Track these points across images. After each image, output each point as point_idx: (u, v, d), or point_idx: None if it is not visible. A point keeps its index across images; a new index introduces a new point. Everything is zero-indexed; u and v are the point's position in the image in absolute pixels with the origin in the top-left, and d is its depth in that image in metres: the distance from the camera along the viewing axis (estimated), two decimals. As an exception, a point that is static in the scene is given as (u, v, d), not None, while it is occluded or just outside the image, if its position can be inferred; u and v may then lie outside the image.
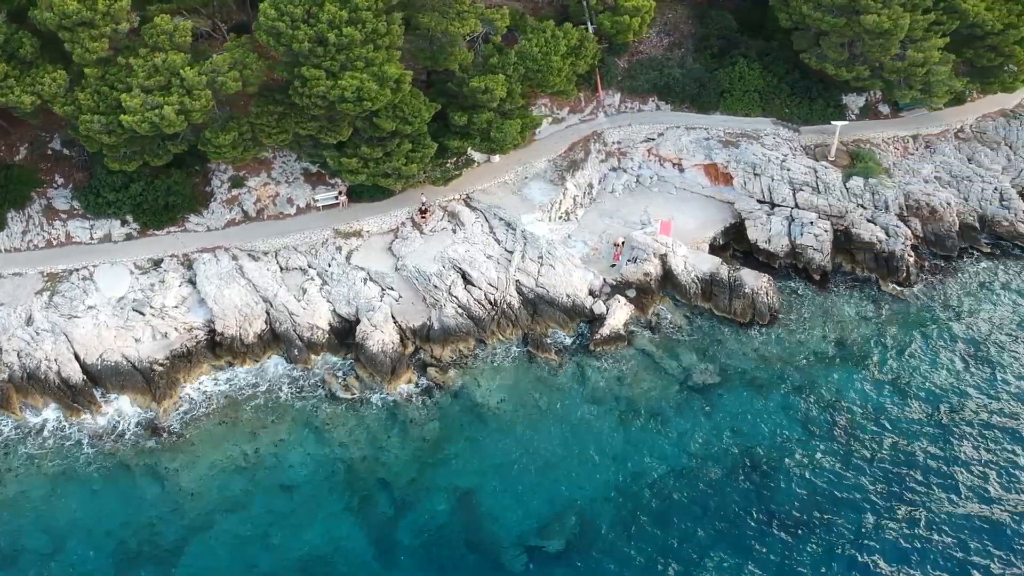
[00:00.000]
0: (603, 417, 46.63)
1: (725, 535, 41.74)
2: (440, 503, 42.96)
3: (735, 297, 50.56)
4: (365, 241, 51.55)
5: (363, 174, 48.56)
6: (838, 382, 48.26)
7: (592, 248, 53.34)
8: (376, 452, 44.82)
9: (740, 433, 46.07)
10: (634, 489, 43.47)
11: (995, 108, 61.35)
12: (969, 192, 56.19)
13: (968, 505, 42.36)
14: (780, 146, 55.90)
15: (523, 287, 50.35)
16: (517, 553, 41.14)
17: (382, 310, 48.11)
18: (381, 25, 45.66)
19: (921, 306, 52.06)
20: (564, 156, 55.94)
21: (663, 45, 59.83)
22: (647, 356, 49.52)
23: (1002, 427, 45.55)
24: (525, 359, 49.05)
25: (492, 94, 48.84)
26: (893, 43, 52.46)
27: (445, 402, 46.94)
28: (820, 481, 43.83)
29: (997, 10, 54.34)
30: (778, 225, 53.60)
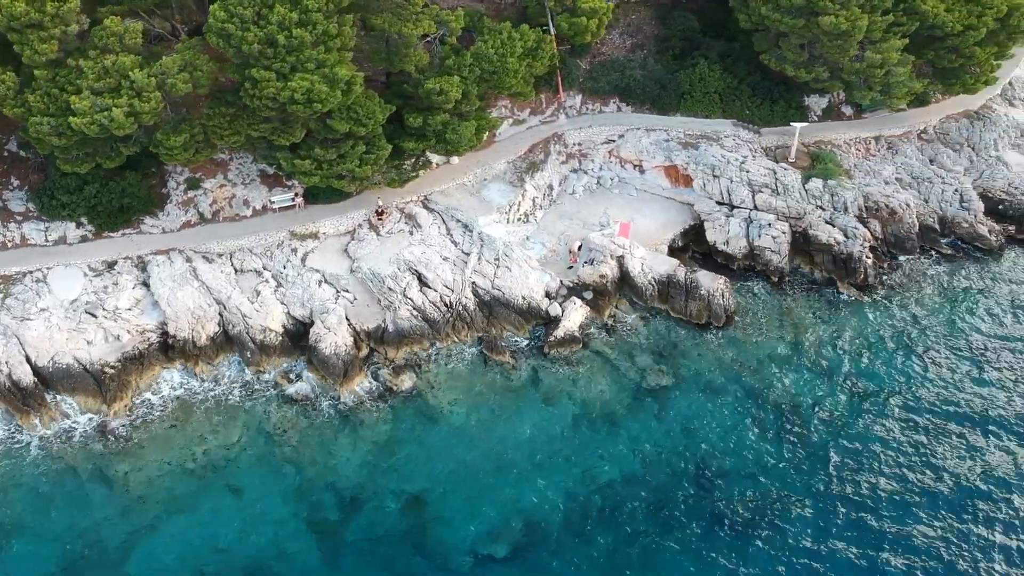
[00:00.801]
0: (556, 420, 46.53)
1: (674, 538, 41.66)
2: (389, 506, 42.86)
3: (691, 299, 50.50)
4: (321, 243, 51.42)
5: (316, 176, 48.43)
6: (792, 384, 48.22)
7: (550, 250, 53.27)
8: (326, 455, 44.70)
9: (692, 435, 46.01)
10: (584, 492, 43.40)
11: (959, 109, 61.24)
12: (929, 194, 56.17)
13: (921, 509, 42.32)
14: (740, 148, 55.82)
15: (479, 289, 50.26)
16: (464, 557, 41.04)
17: (336, 312, 47.99)
18: (332, 27, 45.54)
19: (878, 308, 52.03)
20: (524, 158, 55.84)
21: (626, 46, 59.72)
22: (602, 358, 49.44)
23: (956, 430, 45.53)
24: (479, 361, 48.95)
25: (447, 96, 48.71)
26: (851, 44, 52.39)
27: (397, 404, 46.83)
28: (770, 484, 43.80)
29: (957, 11, 54.25)
30: (736, 227, 53.54)
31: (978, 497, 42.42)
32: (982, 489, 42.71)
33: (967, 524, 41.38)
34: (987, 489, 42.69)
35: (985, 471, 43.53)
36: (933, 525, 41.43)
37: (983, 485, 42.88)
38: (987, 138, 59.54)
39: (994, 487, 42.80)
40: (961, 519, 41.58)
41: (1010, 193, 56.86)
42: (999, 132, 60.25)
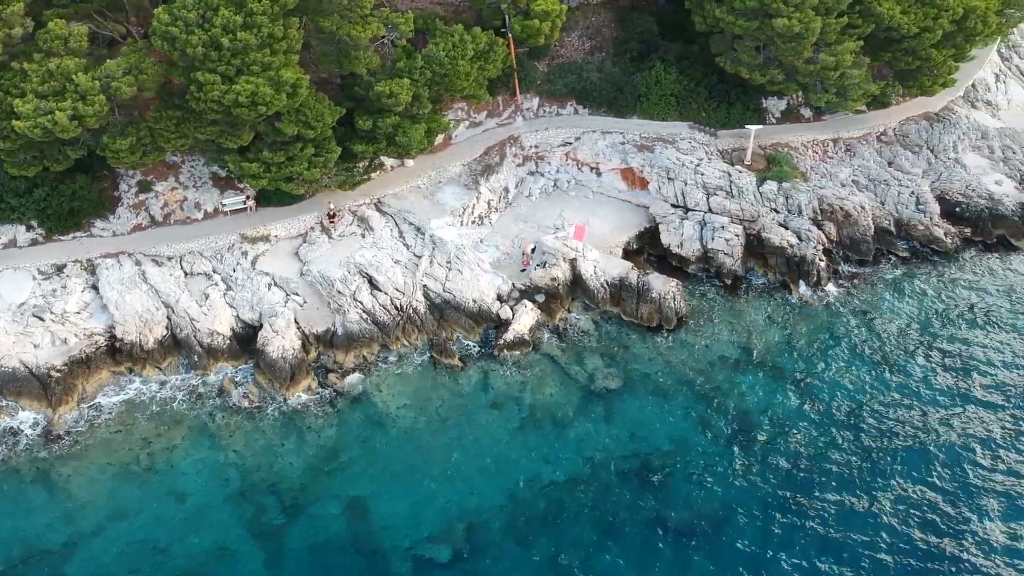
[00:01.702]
0: (503, 423, 46.45)
1: (617, 543, 41.56)
2: (332, 510, 42.77)
3: (642, 301, 50.42)
4: (273, 246, 51.32)
5: (265, 179, 48.34)
6: (741, 387, 48.15)
7: (503, 252, 53.18)
8: (271, 459, 44.61)
9: (639, 439, 45.94)
10: (528, 496, 43.30)
11: (920, 111, 61.13)
12: (886, 196, 56.10)
13: (867, 516, 42.23)
14: (696, 150, 55.73)
15: (430, 292, 50.17)
16: (405, 561, 40.97)
17: (285, 316, 47.89)
18: (277, 29, 45.45)
19: (831, 311, 51.94)
20: (479, 160, 55.72)
21: (585, 48, 59.60)
22: (552, 361, 49.35)
23: (906, 436, 45.43)
24: (429, 365, 48.86)
25: (397, 98, 48.59)
26: (805, 46, 52.29)
27: (344, 408, 46.74)
28: (716, 487, 43.72)
29: (913, 13, 54.17)
30: (690, 229, 53.46)
31: (924, 504, 42.33)
32: (929, 496, 42.64)
33: (912, 530, 41.31)
34: (934, 496, 42.61)
35: (934, 477, 43.45)
36: (878, 533, 41.32)
37: (930, 492, 42.81)
38: (946, 140, 59.43)
39: (941, 494, 42.73)
40: (907, 526, 41.50)
41: (967, 195, 56.75)
42: (959, 134, 60.16)
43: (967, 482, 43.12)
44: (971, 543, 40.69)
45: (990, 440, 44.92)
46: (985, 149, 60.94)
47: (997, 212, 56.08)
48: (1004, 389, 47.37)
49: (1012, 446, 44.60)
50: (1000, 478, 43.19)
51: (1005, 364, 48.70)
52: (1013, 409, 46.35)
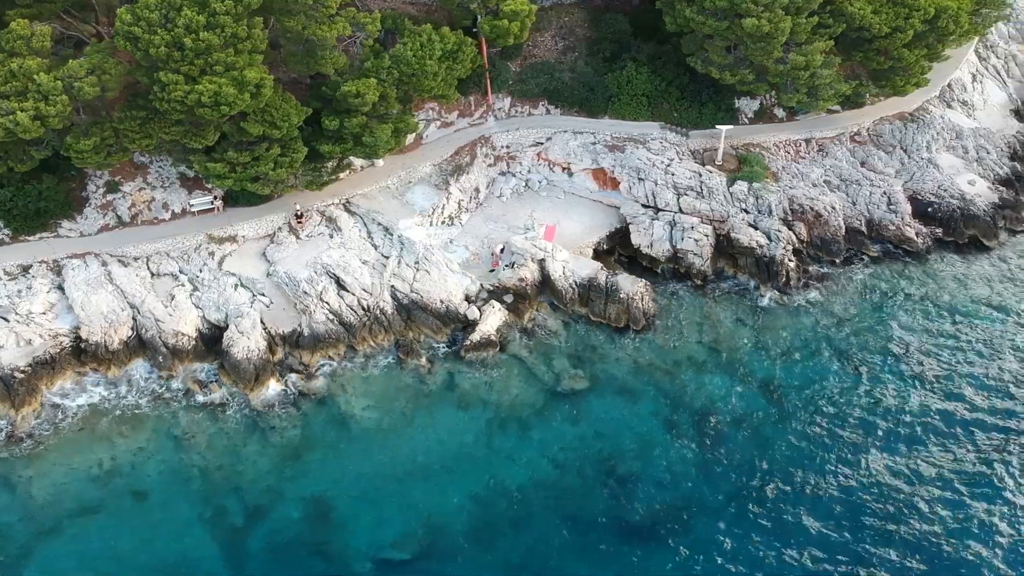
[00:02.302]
0: (468, 424, 46.34)
1: (580, 544, 41.52)
2: (294, 511, 42.65)
3: (611, 302, 50.30)
4: (240, 246, 51.18)
5: (230, 179, 48.20)
6: (708, 387, 48.06)
7: (473, 253, 53.01)
8: (234, 460, 44.48)
9: (605, 439, 45.83)
10: (492, 496, 43.21)
11: (894, 111, 60.99)
12: (857, 196, 55.99)
13: (834, 510, 42.26)
14: (667, 150, 55.61)
15: (398, 292, 50.04)
16: (366, 561, 40.88)
17: (251, 316, 47.76)
18: (241, 29, 45.28)
19: (800, 311, 51.84)
20: (450, 160, 55.60)
21: (558, 49, 59.47)
22: (519, 362, 49.22)
23: (873, 432, 45.39)
24: (395, 366, 48.71)
25: (364, 98, 48.46)
26: (775, 46, 52.17)
27: (309, 409, 46.59)
28: (681, 487, 43.69)
29: (884, 13, 54.04)
30: (660, 230, 53.34)
31: (891, 502, 42.33)
32: (896, 494, 42.62)
33: (876, 525, 41.35)
34: (901, 494, 42.62)
35: (900, 472, 43.41)
36: (842, 529, 41.32)
37: (897, 490, 42.79)
38: (920, 140, 59.31)
39: (907, 492, 42.72)
40: (870, 521, 41.51)
41: (939, 195, 56.66)
42: (933, 134, 60.03)
43: (933, 480, 43.08)
44: (932, 537, 40.79)
45: (957, 439, 44.95)
46: (959, 149, 60.87)
47: (969, 212, 55.98)
48: (971, 388, 47.31)
49: (977, 444, 44.59)
50: (966, 477, 43.19)
51: (972, 364, 48.62)
52: (980, 406, 46.35)
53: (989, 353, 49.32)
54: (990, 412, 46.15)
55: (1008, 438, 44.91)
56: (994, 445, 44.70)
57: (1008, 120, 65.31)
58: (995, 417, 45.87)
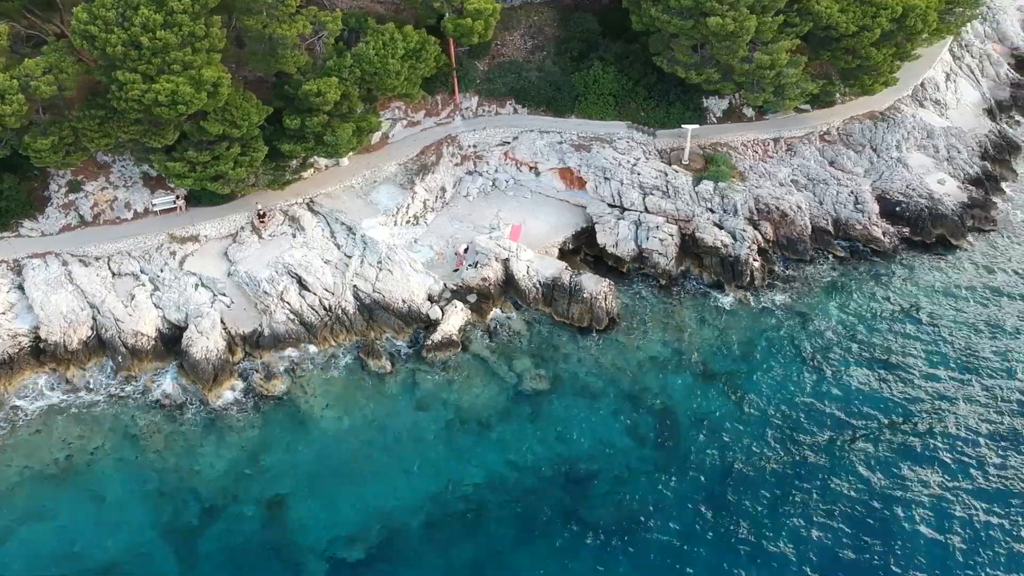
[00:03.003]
0: (428, 424, 46.15)
1: (536, 545, 41.33)
2: (250, 512, 42.46)
3: (574, 302, 50.14)
4: (202, 246, 51.02)
5: (190, 178, 48.04)
6: (670, 388, 47.88)
7: (437, 253, 52.87)
8: (190, 460, 44.30)
9: (565, 440, 45.66)
10: (449, 497, 43.03)
11: (865, 110, 60.83)
12: (824, 195, 55.83)
13: (793, 512, 42.03)
14: (633, 150, 55.47)
15: (360, 292, 49.88)
16: (320, 562, 40.71)
17: (210, 316, 47.61)
18: (199, 28, 45.09)
19: (765, 311, 51.67)
20: (416, 160, 55.45)
21: (526, 48, 59.32)
22: (481, 362, 49.05)
23: (835, 433, 45.26)
24: (356, 366, 48.52)
25: (325, 97, 48.30)
26: (740, 45, 52.03)
27: (268, 410, 46.41)
28: (640, 488, 43.50)
29: (851, 12, 53.86)
30: (625, 229, 53.19)
31: (851, 503, 42.19)
32: (856, 494, 42.48)
33: (836, 528, 41.16)
34: (861, 495, 42.50)
35: (860, 476, 43.25)
36: (801, 532, 41.12)
37: (857, 490, 42.64)
38: (889, 139, 59.17)
39: (868, 493, 42.57)
40: (831, 523, 41.34)
41: (907, 195, 56.52)
42: (903, 133, 59.88)
43: (895, 480, 42.95)
44: (898, 540, 40.61)
45: (921, 438, 44.79)
46: (930, 148, 60.72)
47: (937, 212, 55.83)
48: (935, 388, 47.18)
49: (942, 444, 44.40)
50: (931, 477, 43.06)
51: (936, 363, 48.49)
52: (943, 405, 46.20)
53: (952, 352, 49.17)
54: (953, 411, 45.97)
55: (972, 435, 44.72)
56: (957, 443, 44.54)
57: (980, 119, 65.16)
58: (959, 415, 45.69)
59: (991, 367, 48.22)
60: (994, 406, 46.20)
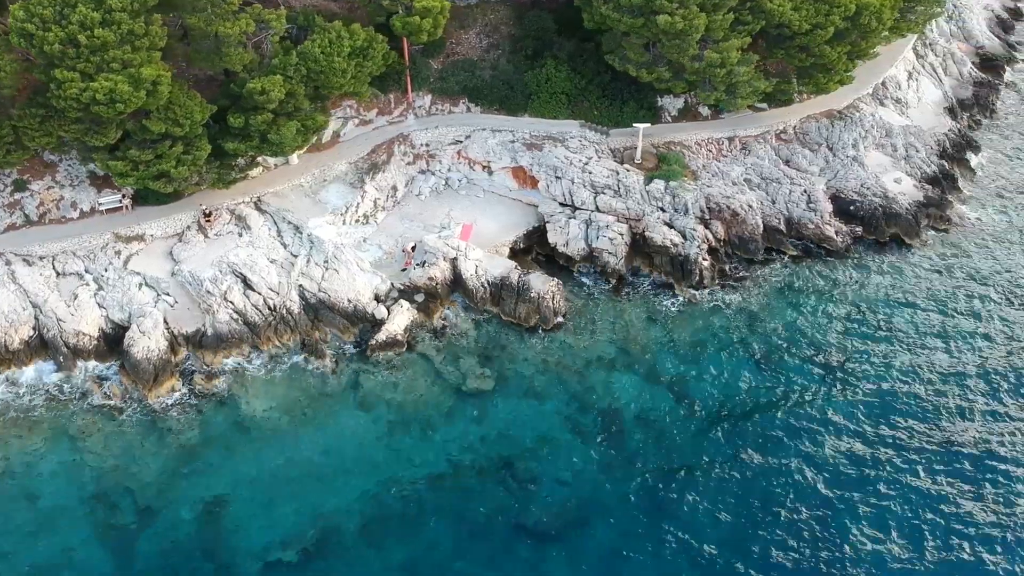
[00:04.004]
0: (370, 425, 45.94)
1: (474, 545, 41.21)
2: (186, 513, 42.21)
3: (521, 301, 49.89)
4: (148, 245, 50.71)
5: (132, 177, 47.74)
6: (615, 387, 47.67)
7: (387, 252, 52.60)
8: (129, 461, 44.01)
9: (507, 440, 45.45)
10: (388, 498, 42.81)
11: (823, 109, 60.52)
12: (777, 194, 55.57)
13: (738, 514, 41.88)
14: (585, 149, 55.19)
15: (306, 292, 49.62)
16: (255, 562, 40.50)
17: (153, 316, 47.32)
18: (138, 27, 44.78)
19: (714, 311, 51.42)
20: (366, 159, 55.15)
21: (481, 47, 59.02)
22: (427, 362, 48.79)
23: (780, 434, 45.07)
24: (300, 366, 48.23)
25: (269, 95, 48.00)
26: (690, 44, 51.76)
27: (209, 410, 46.12)
28: (580, 488, 43.33)
29: (804, 10, 53.54)
30: (576, 228, 52.93)
31: (800, 498, 42.11)
32: (805, 490, 42.42)
33: (778, 530, 41.11)
34: (814, 489, 42.44)
35: (801, 477, 43.14)
36: (741, 533, 40.99)
37: (807, 485, 42.59)
38: (846, 138, 58.85)
39: (809, 494, 42.44)
40: (772, 525, 41.23)
41: (861, 193, 56.26)
42: (861, 132, 59.59)
43: (840, 482, 42.78)
44: (840, 541, 40.50)
45: (866, 437, 44.70)
46: (888, 147, 60.47)
47: (891, 211, 55.60)
48: (884, 389, 47.02)
49: (888, 446, 44.23)
50: (876, 478, 42.94)
51: (886, 362, 48.31)
52: (892, 408, 46.03)
53: (902, 352, 49.00)
54: (901, 411, 45.80)
55: (919, 436, 44.54)
56: (903, 444, 44.38)
57: (941, 118, 64.90)
58: (907, 416, 45.54)
59: (941, 367, 48.04)
60: (942, 408, 46.01)
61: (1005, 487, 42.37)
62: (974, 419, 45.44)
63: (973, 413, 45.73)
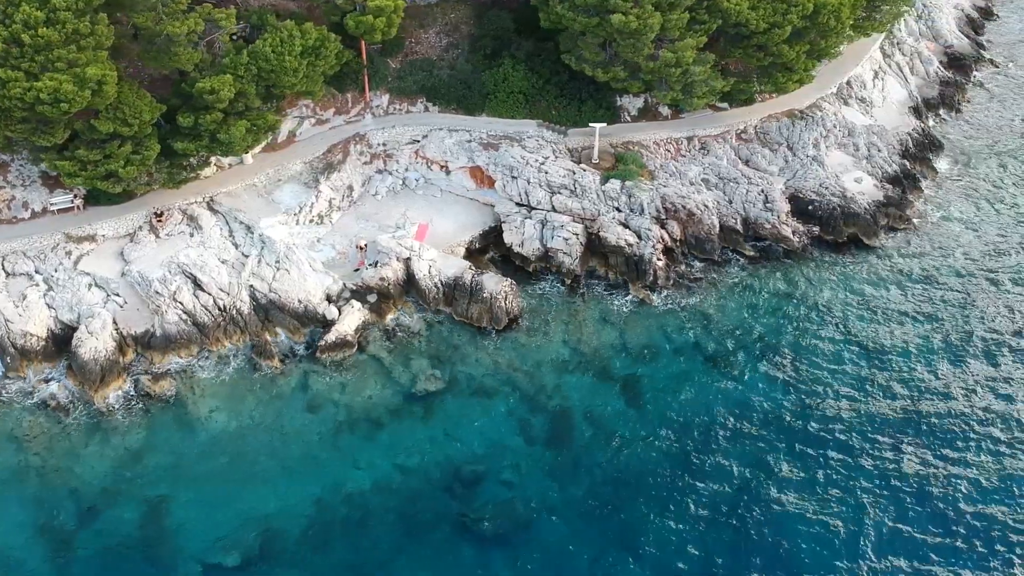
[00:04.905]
0: (317, 426, 45.72)
1: (418, 548, 40.98)
2: (128, 515, 41.99)
3: (473, 301, 49.70)
4: (99, 246, 50.47)
5: (80, 177, 47.55)
6: (565, 388, 47.49)
7: (340, 252, 52.39)
8: (72, 462, 43.78)
9: (455, 442, 45.24)
10: (332, 500, 42.60)
11: (785, 108, 60.32)
12: (734, 194, 55.36)
13: (686, 516, 41.69)
14: (542, 148, 54.98)
15: (257, 292, 49.40)
16: (194, 564, 40.26)
17: (101, 317, 47.09)
18: (83, 26, 44.58)
19: (668, 311, 51.23)
20: (322, 158, 54.94)
21: (441, 46, 58.81)
22: (377, 362, 48.59)
23: (731, 435, 44.87)
24: (248, 367, 48.01)
25: (219, 95, 47.81)
26: (645, 43, 51.61)
27: (156, 411, 45.90)
28: (526, 490, 43.13)
29: (762, 9, 53.36)
30: (531, 228, 52.73)
31: (749, 502, 41.90)
32: (753, 492, 42.25)
33: (724, 533, 40.97)
34: (764, 492, 42.30)
35: (757, 474, 43.00)
36: (688, 536, 40.86)
37: (757, 488, 42.42)
38: (806, 138, 58.67)
39: (765, 489, 42.40)
40: (719, 527, 41.08)
41: (820, 193, 56.04)
42: (822, 131, 59.43)
43: (790, 483, 42.63)
44: (788, 542, 40.39)
45: (820, 440, 44.48)
46: (851, 147, 60.30)
47: (849, 211, 55.41)
48: (837, 389, 46.88)
49: (840, 446, 44.09)
50: (824, 479, 42.82)
51: (840, 363, 48.19)
52: (845, 408, 45.92)
53: (857, 352, 48.86)
54: (855, 412, 45.62)
55: (873, 437, 44.36)
56: (855, 445, 44.23)
57: (905, 118, 64.72)
58: (860, 417, 45.45)
59: (895, 368, 47.87)
60: (898, 407, 45.80)
61: (952, 487, 42.20)
62: (925, 421, 45.22)
63: (924, 415, 45.49)
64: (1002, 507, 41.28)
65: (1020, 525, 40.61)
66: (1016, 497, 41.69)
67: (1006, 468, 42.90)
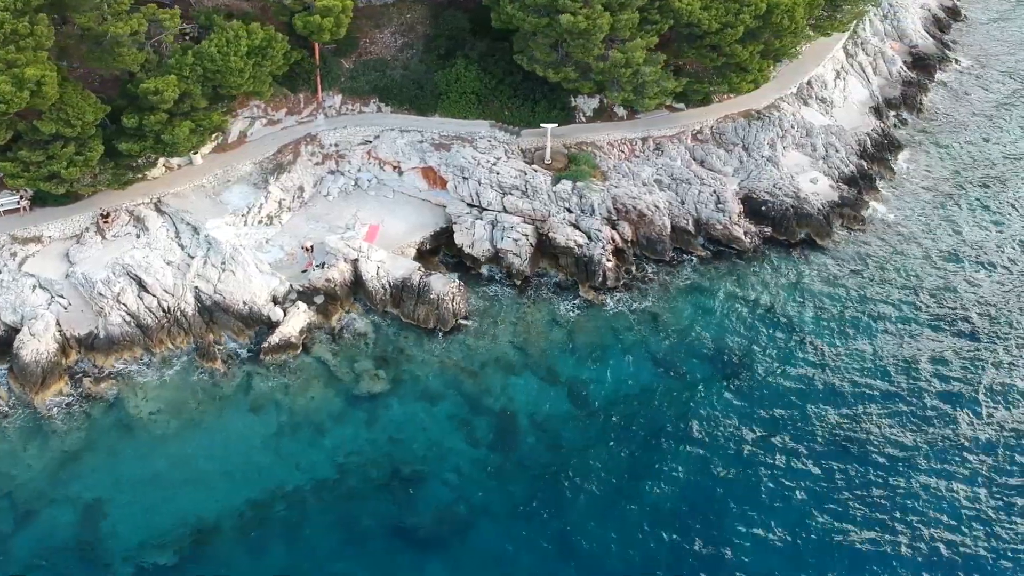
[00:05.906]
0: (258, 428, 45.44)
1: (355, 551, 40.76)
2: (65, 517, 41.69)
3: (420, 303, 49.50)
4: (45, 247, 50.25)
5: (23, 178, 47.34)
6: (511, 390, 47.29)
7: (288, 253, 52.15)
8: (9, 465, 43.40)
9: (397, 444, 45.01)
10: (270, 502, 42.34)
11: (743, 109, 60.15)
12: (686, 195, 55.17)
13: (629, 519, 41.49)
14: (495, 149, 54.79)
15: (202, 294, 49.17)
16: (128, 566, 39.98)
17: (44, 318, 46.83)
18: (22, 26, 44.38)
19: (617, 312, 51.02)
20: (272, 159, 54.73)
21: (396, 46, 58.61)
22: (322, 364, 48.34)
23: (678, 437, 44.70)
24: (191, 369, 47.70)
25: (162, 95, 47.61)
26: (595, 43, 51.42)
27: (97, 413, 45.61)
28: (467, 493, 42.93)
29: (714, 9, 53.20)
30: (481, 229, 52.55)
31: (695, 505, 41.85)
32: (701, 497, 42.17)
33: (671, 533, 40.84)
34: (711, 496, 42.20)
35: (705, 478, 42.89)
36: (633, 537, 40.70)
37: (703, 492, 42.33)
38: (762, 138, 58.49)
39: (713, 493, 42.31)
40: (664, 528, 40.95)
41: (773, 194, 55.89)
42: (778, 132, 59.26)
43: (733, 484, 42.53)
44: (727, 544, 40.28)
45: (767, 441, 44.38)
46: (808, 147, 60.16)
47: (802, 211, 55.28)
48: (786, 389, 46.77)
49: (786, 447, 43.96)
50: (769, 481, 42.68)
51: (788, 364, 48.09)
52: (794, 409, 45.82)
53: (806, 352, 48.76)
54: (803, 413, 45.47)
55: (819, 439, 44.24)
56: (802, 446, 44.11)
57: (865, 118, 64.61)
58: (809, 418, 45.32)
59: (845, 370, 47.70)
60: (846, 411, 45.63)
61: (905, 483, 42.17)
62: (872, 418, 45.14)
63: (871, 413, 45.41)
64: (941, 513, 41.17)
65: (963, 527, 40.51)
66: (959, 498, 41.61)
67: (954, 471, 42.76)
